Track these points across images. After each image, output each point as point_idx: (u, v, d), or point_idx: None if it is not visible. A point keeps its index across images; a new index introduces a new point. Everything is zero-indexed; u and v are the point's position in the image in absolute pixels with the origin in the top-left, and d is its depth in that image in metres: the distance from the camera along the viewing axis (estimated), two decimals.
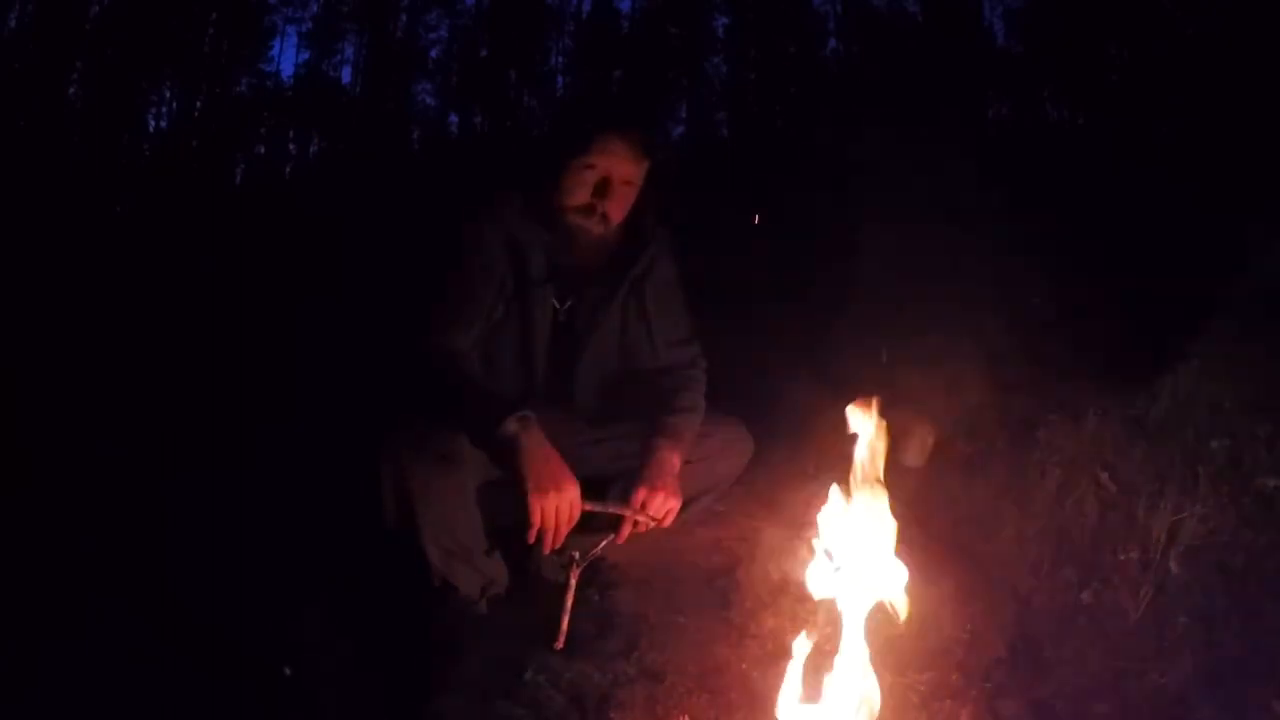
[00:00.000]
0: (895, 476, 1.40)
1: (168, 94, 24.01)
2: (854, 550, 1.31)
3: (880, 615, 1.28)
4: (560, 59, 27.36)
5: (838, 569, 1.32)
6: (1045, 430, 2.31)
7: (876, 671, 1.26)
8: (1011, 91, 21.45)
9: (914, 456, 2.53)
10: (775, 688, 1.30)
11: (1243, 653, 1.52)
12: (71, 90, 21.55)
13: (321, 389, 2.95)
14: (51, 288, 5.22)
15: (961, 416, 2.58)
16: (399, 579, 1.67)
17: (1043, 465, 2.13)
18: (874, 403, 1.39)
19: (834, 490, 1.37)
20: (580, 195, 1.73)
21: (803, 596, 1.64)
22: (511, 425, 1.56)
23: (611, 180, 1.73)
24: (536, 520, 1.54)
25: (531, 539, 1.56)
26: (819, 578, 1.35)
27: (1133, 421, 2.31)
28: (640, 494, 1.70)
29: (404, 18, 27.26)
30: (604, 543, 1.70)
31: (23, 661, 1.54)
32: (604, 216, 1.75)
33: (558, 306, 1.81)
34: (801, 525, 1.47)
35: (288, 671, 1.53)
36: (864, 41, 23.99)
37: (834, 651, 1.27)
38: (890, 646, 1.33)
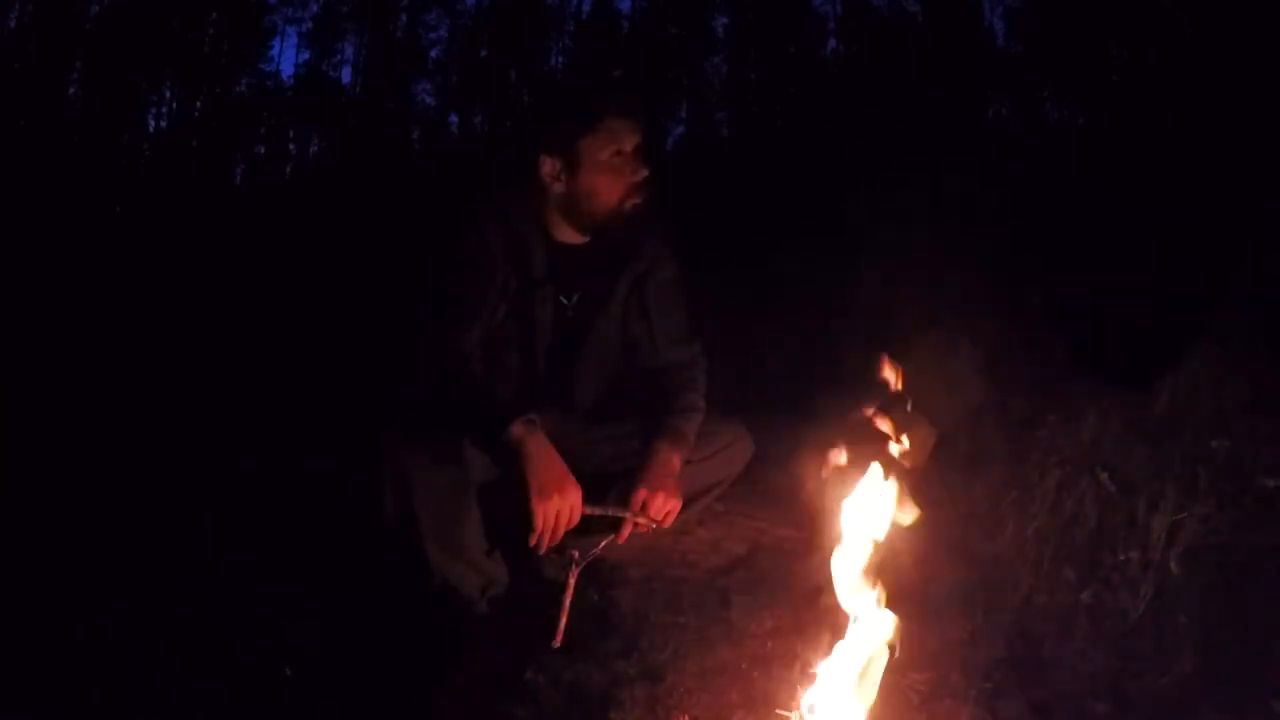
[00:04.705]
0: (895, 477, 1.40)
1: (168, 94, 24.02)
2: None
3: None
4: (560, 59, 27.37)
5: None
6: (1045, 430, 2.31)
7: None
8: (1011, 91, 21.46)
9: (914, 456, 2.53)
10: (775, 688, 1.30)
11: (1243, 653, 1.51)
12: (71, 90, 21.57)
13: (322, 389, 2.96)
14: (51, 287, 5.22)
15: (961, 416, 2.58)
16: (399, 579, 1.67)
17: (1043, 465, 2.13)
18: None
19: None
20: (618, 185, 1.72)
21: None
22: (516, 429, 1.56)
23: (632, 150, 1.73)
24: (539, 524, 1.54)
25: (533, 543, 1.56)
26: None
27: (1133, 421, 2.31)
28: (640, 495, 1.70)
29: (404, 18, 27.27)
30: (604, 543, 1.70)
31: (23, 661, 1.54)
32: (644, 182, 1.74)
33: (564, 301, 1.81)
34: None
35: (288, 671, 1.53)
36: (864, 41, 23.99)
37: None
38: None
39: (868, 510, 1.35)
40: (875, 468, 1.38)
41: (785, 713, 1.31)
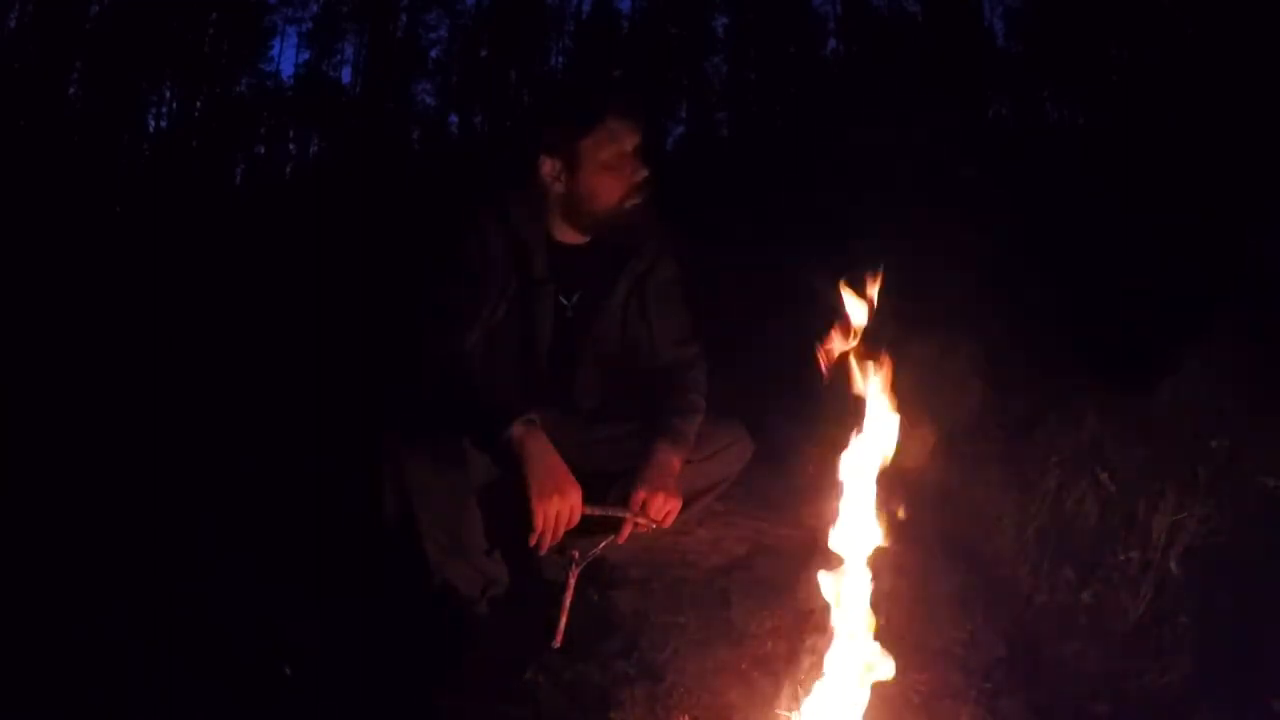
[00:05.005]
0: (895, 477, 1.40)
1: (168, 94, 24.03)
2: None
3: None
4: (560, 59, 27.38)
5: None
6: (1045, 430, 2.31)
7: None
8: (1011, 91, 21.47)
9: (914, 456, 2.52)
10: (775, 688, 1.30)
11: (1243, 653, 1.51)
12: (71, 90, 21.58)
13: (322, 389, 2.96)
14: (52, 287, 5.22)
15: (961, 416, 2.58)
16: (399, 579, 1.67)
17: (1043, 465, 2.13)
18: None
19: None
20: (618, 186, 1.73)
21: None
22: (516, 429, 1.56)
23: (632, 150, 1.74)
24: (539, 524, 1.54)
25: (533, 543, 1.57)
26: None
27: (1133, 421, 2.31)
28: (640, 496, 1.70)
29: (404, 18, 27.28)
30: (604, 543, 1.70)
31: (23, 661, 1.54)
32: (644, 182, 1.74)
33: (564, 302, 1.81)
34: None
35: (288, 671, 1.53)
36: (864, 41, 24.00)
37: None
38: (890, 648, 1.33)
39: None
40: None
41: (785, 713, 1.31)
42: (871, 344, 1.38)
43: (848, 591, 1.28)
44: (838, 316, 1.40)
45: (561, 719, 1.43)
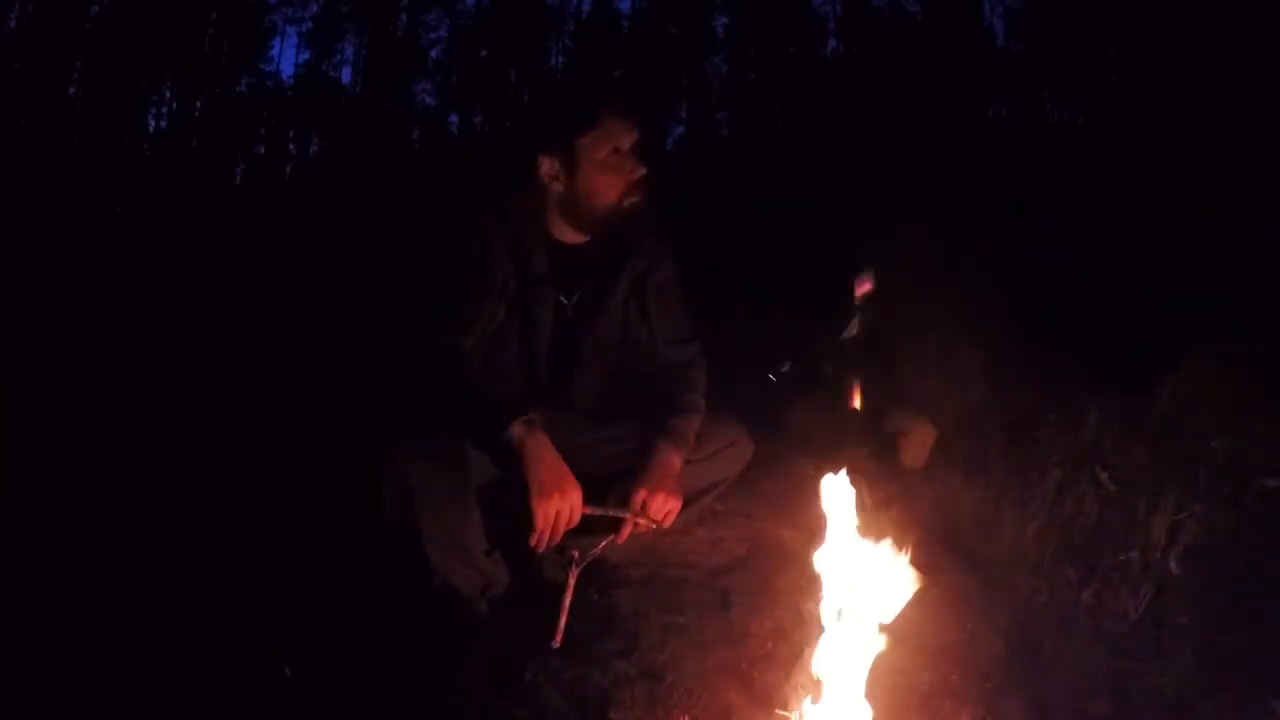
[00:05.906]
0: (895, 477, 1.40)
1: (168, 94, 24.04)
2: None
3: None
4: (560, 59, 27.38)
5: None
6: (1045, 430, 2.31)
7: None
8: (1011, 91, 21.49)
9: (914, 456, 2.53)
10: (775, 688, 1.30)
11: (1243, 653, 1.52)
12: (71, 90, 21.59)
13: (322, 389, 2.96)
14: (52, 287, 5.22)
15: (961, 416, 2.58)
16: (399, 579, 1.67)
17: (1043, 465, 2.13)
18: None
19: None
20: (616, 184, 1.73)
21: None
22: (516, 429, 1.56)
23: (629, 148, 1.74)
24: (539, 524, 1.54)
25: (533, 543, 1.57)
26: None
27: (1133, 421, 2.31)
28: (640, 496, 1.70)
29: (404, 18, 27.28)
30: (604, 543, 1.70)
31: (23, 661, 1.54)
32: (642, 180, 1.75)
33: (564, 301, 1.81)
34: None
35: (288, 671, 1.53)
36: (864, 41, 24.01)
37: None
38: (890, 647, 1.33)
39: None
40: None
41: (785, 713, 1.31)
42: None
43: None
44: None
45: (561, 719, 1.43)
